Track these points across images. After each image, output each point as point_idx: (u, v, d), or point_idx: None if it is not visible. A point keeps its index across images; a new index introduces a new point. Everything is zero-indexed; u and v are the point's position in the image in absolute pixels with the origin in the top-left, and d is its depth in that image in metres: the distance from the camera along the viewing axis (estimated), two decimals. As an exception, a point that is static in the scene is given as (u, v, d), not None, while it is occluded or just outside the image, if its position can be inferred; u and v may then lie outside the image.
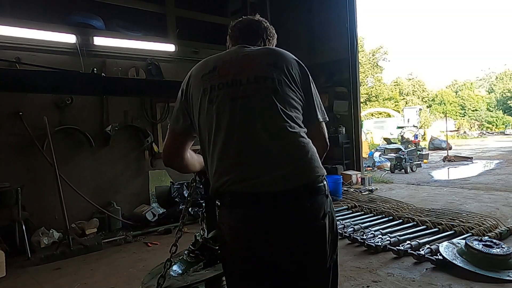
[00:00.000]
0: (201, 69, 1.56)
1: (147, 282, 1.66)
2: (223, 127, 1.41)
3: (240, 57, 1.54)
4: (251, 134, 1.39)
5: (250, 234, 1.34)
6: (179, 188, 6.37)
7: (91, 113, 5.80)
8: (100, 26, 5.98)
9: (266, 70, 1.48)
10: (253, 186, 1.33)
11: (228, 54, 1.59)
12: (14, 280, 3.97)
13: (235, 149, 1.38)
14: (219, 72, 1.49)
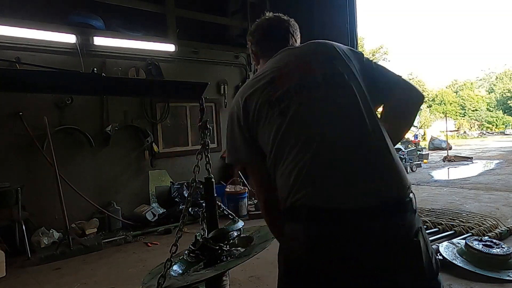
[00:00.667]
0: (256, 83, 1.38)
1: (147, 282, 1.66)
2: (297, 136, 1.24)
3: (294, 59, 1.38)
4: (331, 142, 1.22)
5: (331, 253, 1.17)
6: (179, 188, 6.36)
7: (91, 113, 5.80)
8: (100, 26, 5.98)
9: (329, 66, 1.32)
10: (335, 201, 1.16)
11: (279, 61, 1.42)
12: (14, 280, 3.97)
13: (314, 160, 1.21)
14: (279, 81, 1.33)
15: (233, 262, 1.72)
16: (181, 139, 6.99)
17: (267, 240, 1.89)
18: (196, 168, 2.04)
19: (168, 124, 6.76)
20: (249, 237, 2.11)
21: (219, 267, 1.60)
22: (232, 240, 2.00)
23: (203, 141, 2.05)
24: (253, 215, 5.96)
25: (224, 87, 7.46)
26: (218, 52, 7.46)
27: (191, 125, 7.03)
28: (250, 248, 1.87)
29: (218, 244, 1.79)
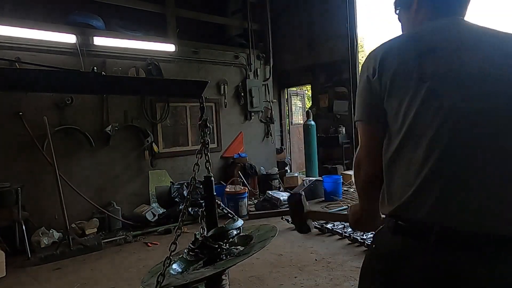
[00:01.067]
0: (411, 45, 1.12)
1: (147, 280, 1.66)
2: (445, 134, 1.02)
3: (467, 38, 1.11)
4: (485, 153, 1.02)
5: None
6: (179, 188, 6.36)
7: (91, 113, 5.79)
8: (100, 26, 5.98)
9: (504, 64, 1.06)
10: (480, 224, 0.98)
11: (445, 30, 1.13)
12: (14, 280, 3.97)
13: (460, 169, 1.01)
14: (443, 55, 1.07)
15: (232, 260, 1.72)
16: (181, 139, 6.99)
17: (266, 239, 1.89)
18: (195, 166, 2.04)
19: (168, 124, 6.76)
20: (248, 236, 2.11)
21: (218, 266, 1.59)
22: (231, 238, 2.00)
23: (203, 139, 2.05)
24: (253, 215, 5.96)
25: (224, 87, 7.46)
26: (218, 52, 7.46)
27: (191, 125, 7.03)
28: (250, 247, 1.87)
29: (217, 243, 1.79)
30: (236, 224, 2.05)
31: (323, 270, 3.72)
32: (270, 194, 6.26)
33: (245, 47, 7.93)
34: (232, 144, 7.62)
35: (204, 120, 2.08)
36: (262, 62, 8.21)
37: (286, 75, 9.61)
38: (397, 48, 1.15)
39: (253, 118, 8.00)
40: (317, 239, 4.73)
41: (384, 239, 1.15)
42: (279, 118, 9.89)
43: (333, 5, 8.36)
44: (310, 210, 1.55)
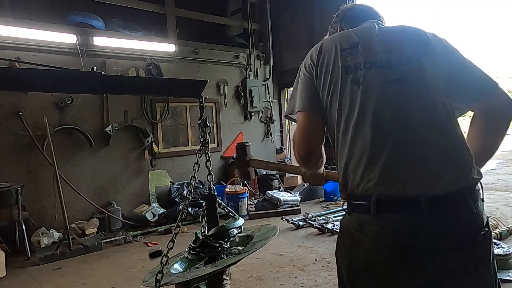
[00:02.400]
0: (338, 42, 1.32)
1: (147, 279, 1.66)
2: (369, 112, 1.19)
3: (383, 34, 1.32)
4: (405, 125, 1.17)
5: (408, 244, 1.11)
6: (179, 188, 6.37)
7: (91, 113, 5.79)
8: (100, 26, 5.98)
9: (416, 50, 1.26)
10: (409, 187, 1.11)
11: (366, 30, 1.35)
12: (14, 280, 3.96)
13: (385, 141, 1.16)
14: (364, 49, 1.27)
15: (232, 258, 1.71)
16: (181, 139, 6.99)
17: (267, 237, 1.89)
18: (195, 165, 2.03)
19: (168, 124, 6.76)
20: (249, 235, 2.11)
21: (219, 264, 1.59)
22: (232, 237, 2.00)
23: (203, 138, 2.05)
24: (253, 215, 5.96)
25: (224, 87, 7.46)
26: (218, 52, 7.47)
27: (191, 125, 7.03)
28: (250, 246, 1.87)
29: (218, 242, 1.79)
30: (237, 223, 2.05)
31: (323, 270, 3.72)
32: (270, 194, 6.26)
33: (245, 47, 7.93)
34: (232, 144, 7.62)
35: (204, 119, 2.07)
36: (262, 62, 8.21)
37: (286, 75, 9.60)
38: (326, 47, 1.33)
39: (253, 118, 8.00)
40: (317, 239, 4.73)
41: (344, 221, 1.28)
42: (279, 118, 9.89)
43: (333, 5, 8.36)
44: (252, 158, 1.74)
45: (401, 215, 1.11)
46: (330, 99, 1.27)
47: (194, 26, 7.54)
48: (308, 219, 5.27)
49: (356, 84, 1.22)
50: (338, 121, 1.26)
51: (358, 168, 1.19)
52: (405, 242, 1.11)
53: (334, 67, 1.27)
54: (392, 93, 1.21)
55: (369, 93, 1.21)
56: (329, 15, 6.05)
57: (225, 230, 1.98)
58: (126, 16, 6.55)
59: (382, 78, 1.22)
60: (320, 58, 1.31)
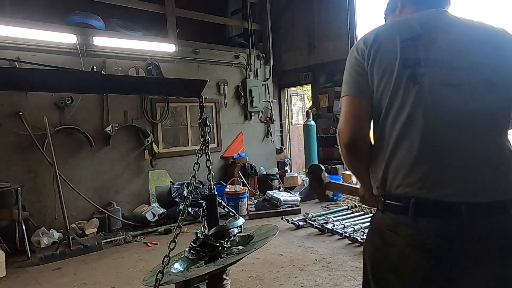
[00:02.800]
0: (397, 31, 1.21)
1: (148, 279, 1.66)
2: (421, 115, 1.13)
3: (451, 29, 1.20)
4: (455, 134, 1.13)
5: (443, 250, 1.08)
6: (179, 188, 6.36)
7: (91, 113, 5.79)
8: (100, 26, 5.98)
9: (486, 53, 1.16)
10: (452, 194, 1.09)
11: (431, 20, 1.23)
12: (14, 280, 3.96)
13: (433, 147, 1.12)
14: (426, 43, 1.17)
15: (232, 257, 1.71)
16: (181, 139, 6.99)
17: (267, 237, 1.89)
18: (196, 165, 2.03)
19: (168, 124, 6.76)
20: (249, 235, 2.11)
21: (218, 263, 1.59)
22: (233, 237, 2.00)
23: (203, 138, 2.05)
24: (253, 215, 5.96)
25: (224, 87, 7.46)
26: (218, 52, 7.46)
27: (191, 125, 7.03)
28: (250, 245, 1.87)
29: (218, 241, 1.79)
30: (237, 222, 2.05)
31: (323, 270, 3.72)
32: (270, 194, 6.25)
33: (245, 47, 7.93)
34: (232, 144, 7.62)
35: (204, 119, 2.07)
36: (262, 62, 8.21)
37: (286, 75, 9.61)
38: (383, 34, 1.24)
39: (253, 118, 8.00)
40: (317, 239, 4.72)
41: (376, 219, 1.25)
42: (279, 118, 9.89)
43: (333, 5, 8.36)
44: (328, 181, 1.65)
45: (440, 220, 1.09)
46: (381, 91, 1.20)
47: (194, 26, 7.54)
48: (308, 219, 5.27)
49: (412, 82, 1.15)
50: (386, 116, 1.19)
51: (400, 169, 1.15)
52: (440, 248, 1.08)
53: (390, 57, 1.18)
54: (448, 98, 1.13)
55: (424, 94, 1.14)
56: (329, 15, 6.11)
57: (225, 230, 1.98)
58: (126, 16, 6.55)
59: (440, 79, 1.14)
60: (375, 45, 1.21)
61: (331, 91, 8.53)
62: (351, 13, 8.13)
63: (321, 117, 8.79)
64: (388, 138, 1.19)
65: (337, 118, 8.47)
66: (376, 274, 1.21)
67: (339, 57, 8.28)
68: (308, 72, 8.99)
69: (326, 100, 8.70)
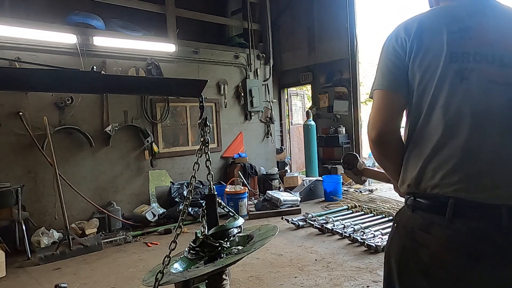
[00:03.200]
0: (444, 20, 1.13)
1: (147, 279, 1.66)
2: (468, 115, 1.06)
3: (500, 18, 1.12)
4: (504, 137, 1.06)
5: (480, 252, 1.04)
6: (179, 188, 6.36)
7: (91, 113, 5.79)
8: (100, 26, 5.98)
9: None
10: (493, 197, 1.03)
11: (479, 10, 1.14)
12: (14, 280, 3.96)
13: (480, 150, 1.06)
14: (477, 36, 1.09)
15: (232, 258, 1.71)
16: (181, 139, 6.99)
17: (267, 237, 1.89)
18: (195, 165, 2.03)
19: (168, 124, 6.76)
20: (249, 235, 2.11)
21: (218, 263, 1.59)
22: (232, 237, 2.00)
23: (203, 138, 2.05)
24: (253, 215, 5.96)
25: (224, 87, 7.46)
26: (218, 52, 7.46)
27: (191, 125, 7.03)
28: (250, 245, 1.87)
29: (218, 241, 1.79)
30: (236, 222, 2.05)
31: (323, 270, 3.72)
32: (270, 194, 6.25)
33: (245, 47, 7.93)
34: (232, 144, 7.62)
35: (204, 119, 2.07)
36: (262, 62, 8.21)
37: (286, 75, 9.61)
38: (427, 23, 1.14)
39: (253, 118, 8.00)
40: (317, 239, 4.72)
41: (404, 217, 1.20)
42: (279, 118, 9.89)
43: (333, 5, 8.36)
44: (366, 168, 1.61)
45: (478, 222, 1.04)
46: (423, 86, 1.12)
47: (194, 26, 7.54)
48: (308, 219, 5.27)
49: (459, 77, 1.07)
50: (428, 113, 1.12)
51: (440, 169, 1.09)
52: (478, 250, 1.04)
53: (436, 50, 1.10)
54: (497, 98, 1.06)
55: (472, 92, 1.07)
56: (329, 15, 6.11)
57: (225, 230, 1.98)
58: (126, 16, 6.55)
59: (489, 77, 1.07)
60: (418, 36, 1.12)
61: (331, 91, 8.53)
62: (351, 13, 8.13)
63: (321, 117, 8.79)
64: (430, 136, 1.12)
65: (337, 117, 8.48)
66: (403, 275, 1.17)
67: (339, 57, 8.29)
68: (308, 72, 8.99)
69: (326, 100, 8.70)
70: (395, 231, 1.23)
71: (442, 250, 1.07)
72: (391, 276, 1.21)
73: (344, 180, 7.27)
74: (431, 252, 1.08)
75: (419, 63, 1.12)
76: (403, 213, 1.22)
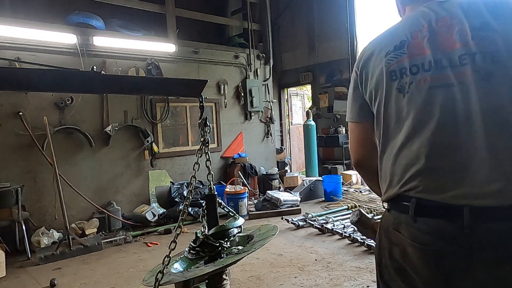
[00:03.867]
0: (382, 44, 1.20)
1: (147, 279, 1.66)
2: (416, 123, 1.09)
3: (436, 24, 1.12)
4: (455, 135, 1.06)
5: (443, 251, 1.04)
6: (179, 188, 6.36)
7: (91, 113, 5.79)
8: (100, 26, 5.98)
9: (474, 40, 1.05)
10: (454, 196, 1.03)
11: (418, 20, 1.16)
12: (14, 280, 3.96)
13: (432, 150, 1.07)
14: (410, 49, 1.13)
15: (232, 258, 1.71)
16: (181, 139, 6.99)
17: (267, 237, 1.89)
18: (196, 165, 2.03)
19: (168, 124, 6.76)
20: (249, 235, 2.11)
21: (218, 263, 1.59)
22: (232, 237, 2.00)
23: (203, 138, 2.05)
24: (253, 215, 5.96)
25: (224, 87, 7.46)
26: (218, 52, 7.47)
27: (191, 125, 7.03)
28: (250, 245, 1.87)
29: (218, 241, 1.79)
30: (237, 222, 2.05)
31: (323, 270, 3.72)
32: (270, 194, 6.25)
33: (245, 47, 7.93)
34: (232, 144, 7.62)
35: (204, 119, 2.07)
36: (262, 62, 8.21)
37: (286, 75, 9.61)
38: (374, 47, 1.23)
39: (253, 118, 8.00)
40: (317, 239, 4.73)
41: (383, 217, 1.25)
42: (279, 118, 9.89)
43: (333, 5, 8.36)
44: (375, 222, 1.55)
45: (440, 221, 1.05)
46: (376, 108, 1.21)
47: (194, 26, 7.54)
48: (308, 219, 5.27)
49: (401, 92, 1.12)
50: (385, 130, 1.18)
51: (404, 171, 1.12)
52: (440, 249, 1.04)
53: (378, 73, 1.18)
54: (441, 100, 1.06)
55: (416, 101, 1.10)
56: (329, 15, 6.11)
57: (225, 230, 1.98)
58: (126, 16, 6.55)
59: (429, 83, 1.08)
60: (363, 64, 1.24)
61: (331, 91, 8.53)
62: (351, 13, 8.13)
63: (321, 117, 8.79)
64: (392, 147, 1.17)
65: (337, 117, 8.49)
66: (383, 274, 1.20)
67: (339, 57, 8.29)
68: (308, 72, 8.99)
69: (326, 100, 8.70)
70: (378, 231, 1.27)
71: (409, 249, 1.09)
72: (376, 275, 1.26)
73: (344, 180, 7.27)
74: (401, 250, 1.12)
75: (369, 89, 1.22)
76: (384, 214, 1.26)
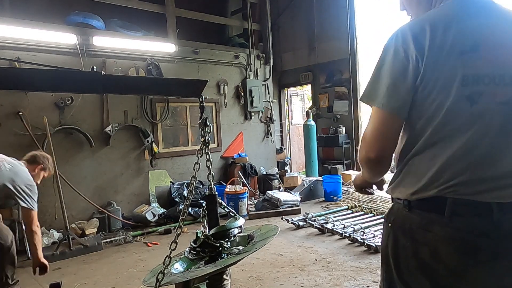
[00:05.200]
0: (453, 39, 1.06)
1: (148, 279, 1.66)
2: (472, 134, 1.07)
3: (504, 28, 1.08)
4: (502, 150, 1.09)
5: (477, 245, 1.08)
6: (179, 188, 6.36)
7: (91, 113, 5.79)
8: (100, 26, 5.98)
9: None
10: (486, 195, 1.08)
11: (486, 18, 1.09)
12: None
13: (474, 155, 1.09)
14: (485, 54, 1.05)
15: (233, 258, 1.71)
16: (181, 139, 6.99)
17: (267, 237, 1.89)
18: (196, 165, 2.03)
19: (168, 124, 6.76)
20: (249, 235, 2.11)
21: (219, 263, 1.59)
22: (233, 237, 2.00)
23: (203, 138, 2.05)
24: (253, 215, 5.96)
25: (224, 87, 7.46)
26: (218, 52, 7.46)
27: (191, 125, 7.03)
28: (251, 245, 1.87)
29: (219, 241, 1.79)
30: (237, 222, 2.05)
31: (323, 270, 3.72)
32: (270, 194, 6.25)
33: (245, 47, 7.93)
34: (232, 144, 7.62)
35: (204, 119, 2.07)
36: (262, 62, 8.21)
37: (286, 75, 9.61)
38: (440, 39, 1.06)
39: (253, 118, 8.00)
40: (317, 239, 4.72)
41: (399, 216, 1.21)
42: (279, 118, 9.89)
43: (333, 5, 8.36)
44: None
45: (473, 218, 1.09)
46: (428, 106, 1.09)
47: (194, 26, 7.54)
48: (308, 219, 5.27)
49: (469, 101, 1.05)
50: (434, 131, 1.10)
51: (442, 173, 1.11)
52: (475, 244, 1.08)
53: (447, 71, 1.06)
54: (500, 118, 1.07)
55: (480, 114, 1.06)
56: (329, 15, 6.10)
57: (225, 230, 1.98)
58: (126, 16, 6.55)
59: (498, 98, 1.07)
60: (433, 55, 1.06)
61: (331, 91, 8.53)
62: (351, 13, 8.13)
63: (321, 117, 8.79)
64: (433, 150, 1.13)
65: (337, 117, 8.49)
66: (403, 273, 1.18)
67: (339, 57, 8.29)
68: (308, 72, 8.99)
69: (326, 100, 8.70)
70: (390, 230, 1.24)
71: (443, 247, 1.10)
72: (391, 275, 1.22)
73: (344, 180, 7.27)
74: (431, 249, 1.11)
75: (429, 85, 1.08)
76: (398, 213, 1.23)
